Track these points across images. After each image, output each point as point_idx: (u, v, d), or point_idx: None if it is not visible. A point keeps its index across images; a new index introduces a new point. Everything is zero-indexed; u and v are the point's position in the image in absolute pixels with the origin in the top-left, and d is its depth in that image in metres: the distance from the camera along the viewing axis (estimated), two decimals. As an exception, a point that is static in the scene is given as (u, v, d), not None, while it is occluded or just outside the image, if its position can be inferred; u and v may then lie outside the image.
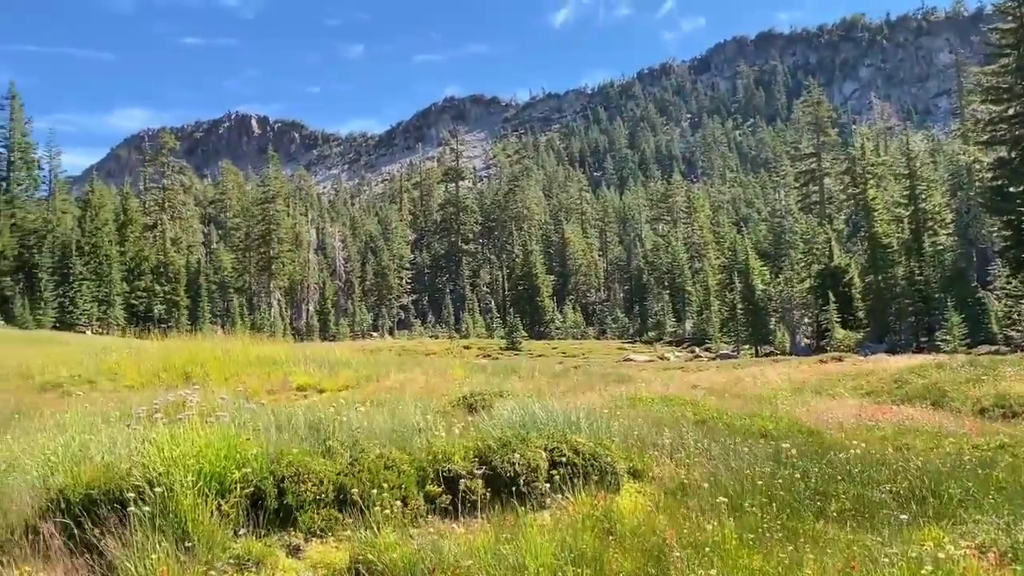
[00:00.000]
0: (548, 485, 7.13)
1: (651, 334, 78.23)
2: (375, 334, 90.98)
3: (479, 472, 7.00)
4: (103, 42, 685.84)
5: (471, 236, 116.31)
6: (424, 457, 7.25)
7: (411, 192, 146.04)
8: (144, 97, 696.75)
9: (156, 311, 74.72)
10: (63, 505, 6.19)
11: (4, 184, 73.01)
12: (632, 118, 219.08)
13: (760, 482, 7.53)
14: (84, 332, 59.71)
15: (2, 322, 57.55)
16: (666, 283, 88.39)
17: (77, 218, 75.05)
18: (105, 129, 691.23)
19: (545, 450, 7.50)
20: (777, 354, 55.06)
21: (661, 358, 56.10)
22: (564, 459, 7.39)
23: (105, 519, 5.93)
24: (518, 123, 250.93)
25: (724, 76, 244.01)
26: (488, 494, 6.91)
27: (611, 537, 6.29)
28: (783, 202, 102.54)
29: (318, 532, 6.34)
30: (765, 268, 70.83)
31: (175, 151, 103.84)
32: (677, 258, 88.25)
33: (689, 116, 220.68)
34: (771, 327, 65.23)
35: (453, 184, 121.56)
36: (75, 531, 5.94)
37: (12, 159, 73.70)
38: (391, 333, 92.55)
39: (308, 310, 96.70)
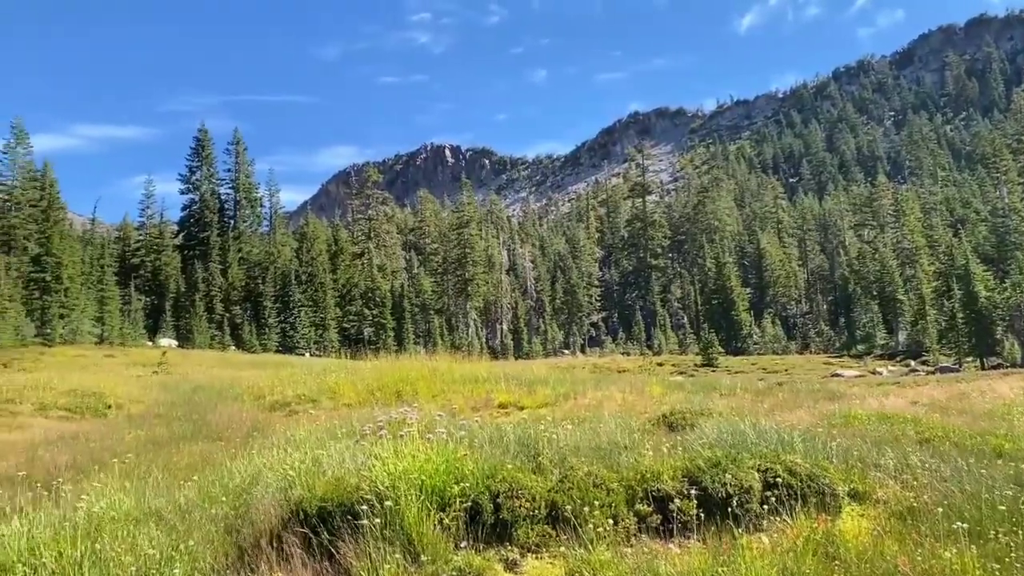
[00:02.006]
0: (764, 507, 6.90)
1: (859, 347, 73.61)
2: (566, 351, 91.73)
3: (690, 492, 6.89)
4: (312, 87, 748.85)
5: (660, 251, 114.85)
6: (631, 476, 7.22)
7: (597, 210, 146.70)
8: (349, 135, 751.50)
9: (366, 333, 79.61)
10: (301, 516, 6.73)
11: (232, 222, 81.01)
12: (828, 119, 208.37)
13: (1002, 507, 6.88)
14: (303, 355, 64.51)
15: (234, 347, 63.56)
16: (874, 292, 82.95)
17: (295, 250, 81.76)
18: (316, 167, 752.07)
19: (758, 471, 7.26)
20: (1006, 366, 50.00)
21: (872, 373, 52.56)
22: (779, 480, 7.12)
23: (338, 529, 6.40)
24: (705, 133, 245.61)
25: (930, 69, 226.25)
26: (701, 515, 6.78)
27: (835, 562, 6.00)
28: (1006, 200, 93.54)
29: (532, 547, 6.47)
30: (988, 273, 65.15)
31: (378, 183, 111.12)
32: (886, 265, 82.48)
33: (892, 113, 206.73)
34: (997, 337, 59.57)
35: (640, 199, 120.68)
36: (312, 540, 6.45)
37: (238, 199, 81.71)
38: (582, 350, 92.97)
39: (502, 329, 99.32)
